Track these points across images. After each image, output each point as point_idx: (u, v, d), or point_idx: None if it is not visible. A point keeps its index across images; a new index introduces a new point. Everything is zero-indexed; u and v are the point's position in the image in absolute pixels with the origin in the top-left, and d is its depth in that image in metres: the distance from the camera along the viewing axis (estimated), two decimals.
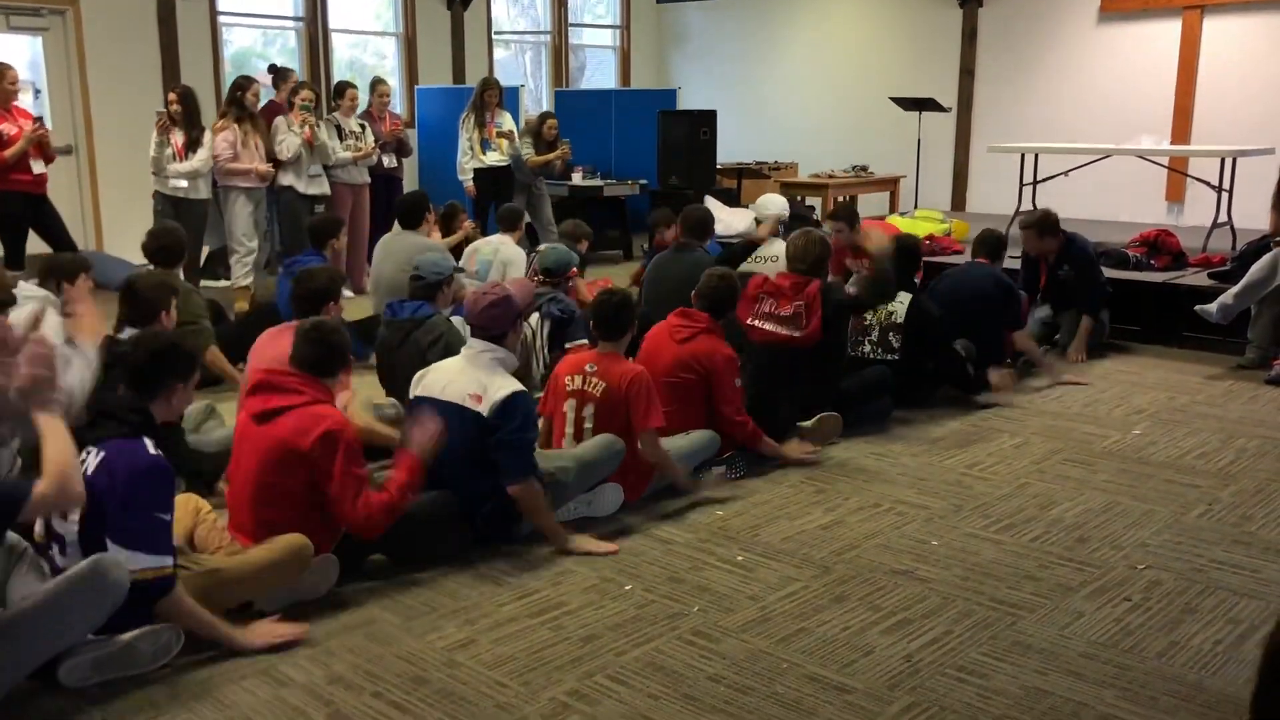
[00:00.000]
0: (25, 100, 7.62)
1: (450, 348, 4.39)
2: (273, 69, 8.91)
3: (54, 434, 2.63)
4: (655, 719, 2.72)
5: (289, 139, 7.74)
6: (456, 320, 4.80)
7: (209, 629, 2.96)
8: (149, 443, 2.88)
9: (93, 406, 2.97)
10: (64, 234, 7.11)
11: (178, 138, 7.35)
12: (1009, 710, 2.76)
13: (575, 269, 5.77)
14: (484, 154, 8.84)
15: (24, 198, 6.93)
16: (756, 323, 4.89)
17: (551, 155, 9.15)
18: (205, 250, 8.38)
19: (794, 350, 4.81)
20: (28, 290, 4.39)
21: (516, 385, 3.66)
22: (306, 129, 7.74)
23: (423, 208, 6.55)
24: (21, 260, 6.89)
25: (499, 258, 6.48)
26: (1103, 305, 6.49)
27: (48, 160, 7.06)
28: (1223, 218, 7.79)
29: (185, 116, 7.39)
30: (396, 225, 6.66)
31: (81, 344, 3.30)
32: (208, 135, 7.48)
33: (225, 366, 5.24)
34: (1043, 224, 6.31)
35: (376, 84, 8.80)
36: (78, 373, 3.16)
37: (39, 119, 7.00)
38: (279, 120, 7.85)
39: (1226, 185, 7.75)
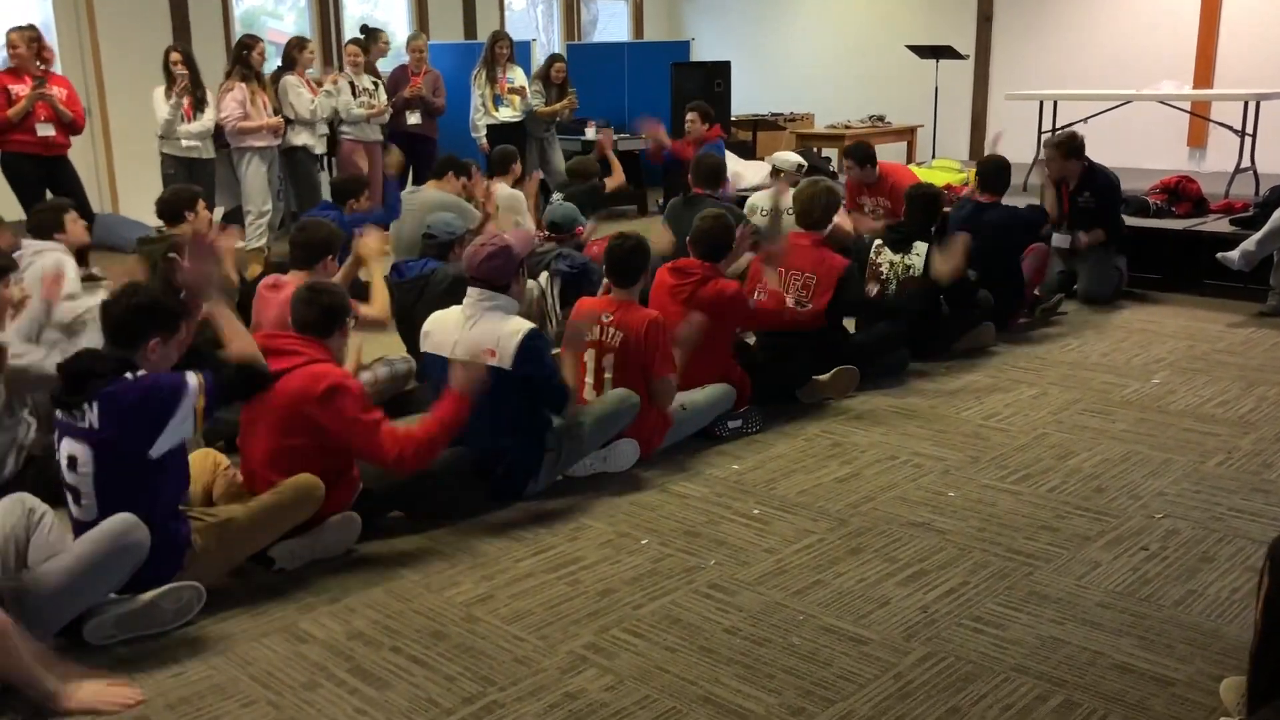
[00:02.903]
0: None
1: (462, 289, 4.35)
2: (364, 29, 8.91)
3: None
4: (672, 671, 2.74)
5: (323, 100, 7.76)
6: None
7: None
8: (128, 374, 2.87)
9: (68, 370, 2.91)
10: (81, 198, 7.11)
11: (185, 99, 7.33)
12: (1025, 660, 2.76)
13: (582, 227, 5.73)
14: (496, 110, 8.78)
15: (34, 160, 6.93)
16: (760, 295, 4.84)
17: (558, 106, 9.07)
18: (220, 211, 8.38)
19: (797, 328, 4.76)
20: (36, 245, 4.43)
21: (524, 325, 3.63)
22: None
23: (448, 164, 6.54)
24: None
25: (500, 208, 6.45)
26: (1123, 234, 6.42)
27: (70, 125, 7.04)
28: (1245, 163, 7.67)
29: (190, 77, 7.37)
30: (410, 183, 6.65)
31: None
32: (210, 94, 7.47)
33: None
34: (1069, 144, 6.24)
35: (411, 40, 8.73)
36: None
37: (38, 80, 6.93)
38: (288, 79, 7.81)
39: (1250, 129, 7.63)
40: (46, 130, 6.95)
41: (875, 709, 2.57)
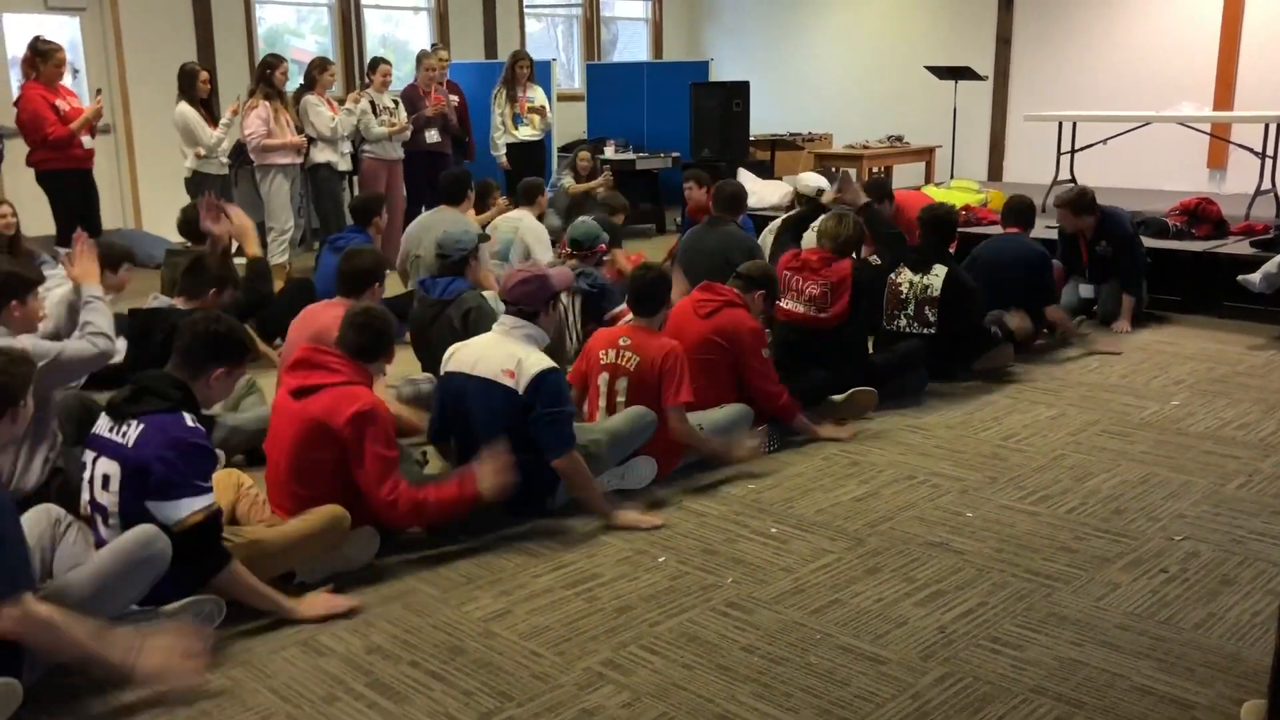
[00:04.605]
0: (65, 80, 7.69)
1: (482, 320, 4.42)
2: (434, 46, 9.02)
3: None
4: (689, 689, 2.74)
5: (344, 118, 7.81)
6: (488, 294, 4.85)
7: (265, 600, 3.02)
8: (188, 417, 2.94)
9: (135, 381, 3.02)
10: (97, 214, 7.20)
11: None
12: (1044, 681, 2.75)
13: (604, 244, 5.78)
14: (516, 129, 8.83)
15: (73, 175, 7.04)
16: (782, 303, 4.87)
17: (593, 184, 8.89)
18: None
19: (820, 330, 4.80)
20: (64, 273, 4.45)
21: (548, 362, 3.68)
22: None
23: (464, 185, 6.58)
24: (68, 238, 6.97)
25: (519, 235, 6.49)
26: (1143, 279, 6.42)
27: (92, 136, 7.16)
28: (1266, 185, 7.65)
29: (212, 94, 7.47)
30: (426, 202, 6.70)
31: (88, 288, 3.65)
32: (227, 113, 7.58)
33: (258, 346, 5.19)
34: (1078, 202, 6.24)
35: (423, 58, 8.78)
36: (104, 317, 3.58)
37: (99, 90, 7.12)
38: (309, 98, 7.89)
39: (1270, 151, 7.60)
40: (90, 143, 7.06)
41: None
